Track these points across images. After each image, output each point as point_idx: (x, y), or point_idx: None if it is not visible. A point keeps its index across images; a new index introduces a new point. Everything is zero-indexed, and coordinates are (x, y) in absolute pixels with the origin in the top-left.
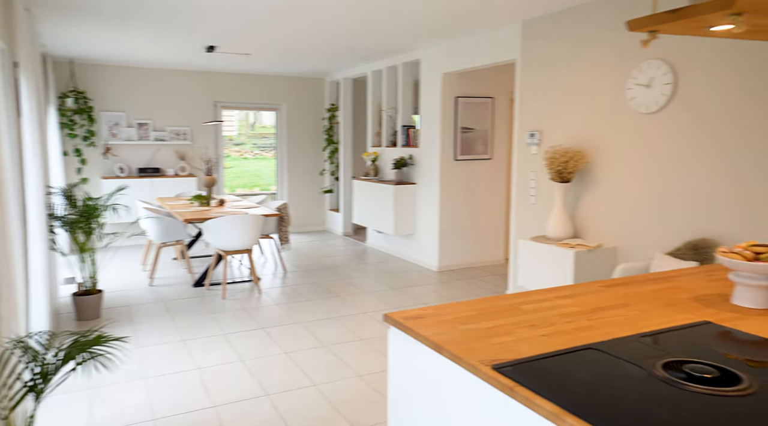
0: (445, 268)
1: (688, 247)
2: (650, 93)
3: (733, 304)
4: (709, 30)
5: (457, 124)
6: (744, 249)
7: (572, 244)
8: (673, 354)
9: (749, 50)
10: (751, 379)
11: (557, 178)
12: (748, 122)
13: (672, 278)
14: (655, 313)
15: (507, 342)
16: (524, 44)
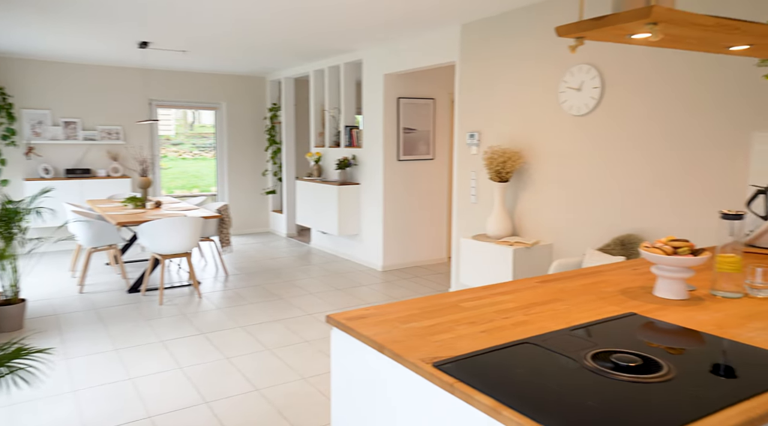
0: (389, 268)
1: (617, 243)
2: (581, 96)
3: (655, 295)
4: (630, 38)
5: (399, 125)
6: (664, 244)
7: (511, 242)
8: (601, 345)
9: (669, 56)
10: (670, 366)
11: (496, 178)
12: (666, 125)
13: (601, 273)
14: (586, 307)
15: (447, 339)
16: (463, 47)
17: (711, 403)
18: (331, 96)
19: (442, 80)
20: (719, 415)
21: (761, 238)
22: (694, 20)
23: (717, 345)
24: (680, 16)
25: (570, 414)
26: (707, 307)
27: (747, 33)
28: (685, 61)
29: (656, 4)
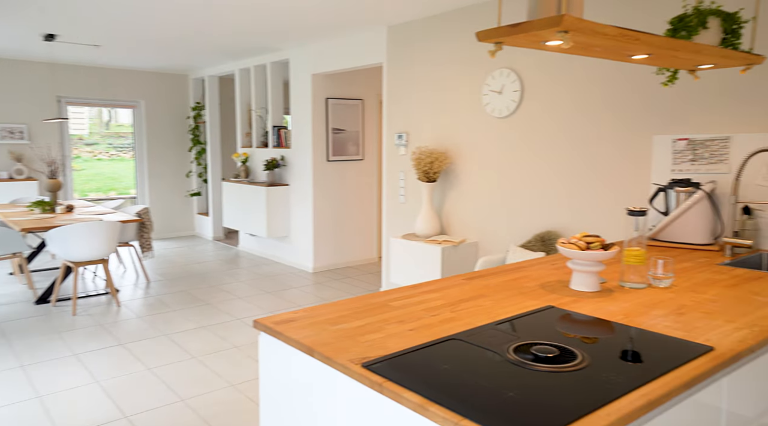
0: (320, 269)
1: (537, 239)
2: (502, 99)
3: (571, 288)
4: (545, 44)
5: (328, 125)
6: (578, 240)
7: (439, 241)
8: (523, 338)
9: (581, 63)
10: (584, 355)
11: (424, 178)
12: (579, 127)
13: (523, 268)
14: (508, 302)
15: (376, 339)
16: (390, 48)
17: (619, 387)
18: (257, 95)
19: (371, 81)
20: (626, 398)
21: (662, 232)
22: (599, 30)
23: (625, 333)
24: (587, 26)
25: (492, 405)
26: (616, 297)
27: (646, 43)
28: (596, 67)
29: (566, 14)
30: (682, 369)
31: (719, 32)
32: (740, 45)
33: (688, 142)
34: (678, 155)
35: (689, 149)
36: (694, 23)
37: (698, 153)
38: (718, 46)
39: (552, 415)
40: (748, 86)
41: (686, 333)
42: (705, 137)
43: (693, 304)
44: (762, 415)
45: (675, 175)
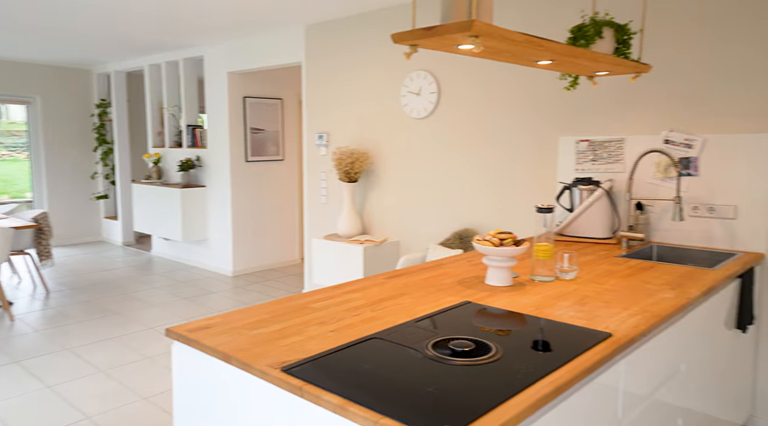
0: (240, 273)
1: (455, 237)
2: (420, 100)
3: (486, 284)
4: (457, 48)
5: (246, 125)
6: (492, 236)
7: (361, 240)
8: (441, 334)
9: (493, 67)
10: (498, 347)
11: (345, 178)
12: (492, 129)
13: (442, 266)
14: (427, 299)
15: (297, 342)
16: (308, 48)
17: (529, 376)
18: (170, 93)
19: (290, 80)
20: (535, 386)
21: (568, 228)
22: (507, 35)
23: (536, 324)
24: (496, 31)
25: (412, 402)
26: (528, 291)
27: (549, 50)
28: (508, 71)
29: (476, 19)
30: (585, 355)
31: (613, 42)
32: (630, 54)
33: (589, 143)
34: (581, 155)
35: (590, 150)
36: (591, 33)
37: (598, 153)
38: (612, 54)
39: (468, 407)
40: (638, 92)
41: (588, 321)
42: (603, 139)
43: (594, 294)
44: (653, 392)
45: (578, 174)
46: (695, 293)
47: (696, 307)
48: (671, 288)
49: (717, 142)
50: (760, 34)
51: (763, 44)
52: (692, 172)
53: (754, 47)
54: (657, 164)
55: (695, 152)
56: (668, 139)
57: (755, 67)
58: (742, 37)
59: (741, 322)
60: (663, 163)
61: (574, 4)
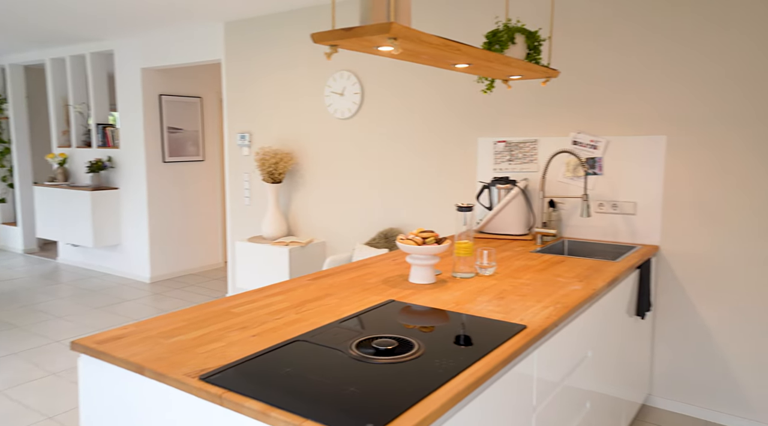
0: (159, 279)
1: (381, 237)
2: (344, 101)
3: (410, 282)
4: (377, 49)
5: (163, 124)
6: (415, 235)
7: (286, 242)
8: (365, 333)
9: (415, 69)
10: (420, 343)
11: (269, 179)
12: (415, 130)
13: (367, 265)
14: (352, 299)
15: (216, 349)
16: (228, 45)
17: (450, 370)
18: (76, 89)
19: (209, 78)
20: (455, 380)
21: (487, 225)
22: (425, 39)
23: (458, 319)
24: (415, 34)
25: (335, 403)
26: (449, 287)
27: (466, 54)
28: (430, 74)
29: (394, 22)
30: (502, 347)
31: (524, 48)
32: (541, 60)
33: (505, 144)
34: (498, 156)
35: (507, 150)
36: (505, 38)
37: (514, 154)
38: (523, 59)
39: (390, 405)
40: (549, 96)
41: (505, 315)
42: (518, 140)
43: (511, 288)
44: (564, 378)
45: (496, 173)
46: (600, 284)
47: (601, 297)
48: (580, 280)
49: (618, 143)
50: (645, 47)
51: (647, 56)
52: (597, 172)
53: (640, 58)
54: (567, 164)
55: (600, 153)
56: (576, 141)
57: (644, 76)
58: (632, 49)
59: (640, 310)
60: (572, 163)
61: (489, 10)
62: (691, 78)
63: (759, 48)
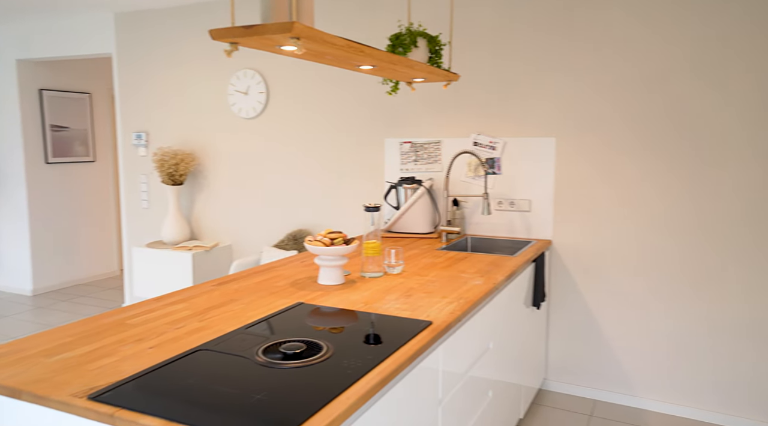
0: (43, 291)
1: (289, 239)
2: (248, 100)
3: (319, 283)
4: (280, 48)
5: (45, 122)
6: (324, 236)
7: (189, 247)
8: (272, 338)
9: (321, 69)
10: (329, 345)
11: (169, 181)
12: (323, 130)
13: (275, 268)
14: (260, 303)
15: (108, 364)
16: (119, 38)
17: (359, 370)
18: None
19: (99, 73)
20: (363, 380)
21: (395, 225)
22: (329, 39)
23: (367, 319)
24: (318, 34)
25: (239, 412)
26: (358, 287)
27: (370, 56)
28: (337, 74)
29: (296, 21)
30: (409, 344)
31: (426, 51)
32: (442, 64)
33: (411, 144)
34: (405, 156)
35: (413, 151)
36: (408, 42)
37: (419, 154)
38: (426, 63)
39: (298, 410)
40: (451, 99)
41: (412, 312)
42: (423, 141)
43: (418, 286)
44: (468, 370)
45: (403, 173)
46: (500, 279)
47: (501, 290)
48: (481, 275)
49: (514, 144)
50: (537, 56)
51: (538, 64)
52: (496, 171)
53: (532, 66)
54: (468, 164)
55: (498, 153)
56: (476, 142)
57: (536, 82)
58: (525, 57)
59: (536, 301)
60: (473, 163)
61: (392, 14)
62: (577, 86)
63: (633, 64)
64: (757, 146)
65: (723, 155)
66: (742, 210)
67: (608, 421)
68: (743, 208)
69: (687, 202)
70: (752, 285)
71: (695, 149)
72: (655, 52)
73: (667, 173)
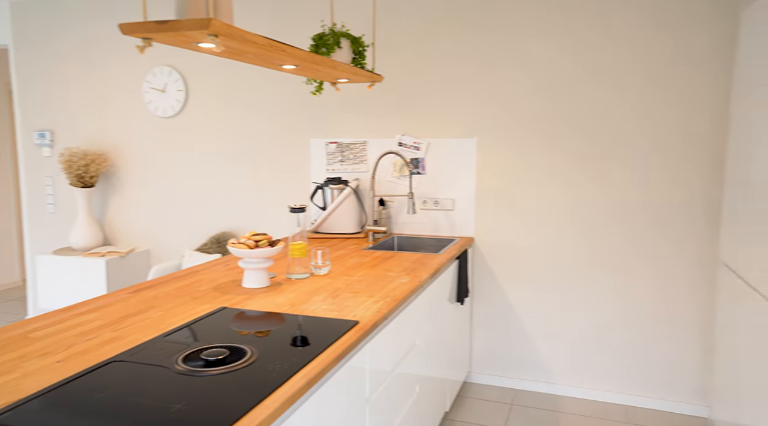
0: None
1: (213, 242)
2: (166, 98)
3: (244, 287)
4: (197, 46)
5: None
6: (248, 239)
7: (102, 253)
8: (194, 345)
9: (244, 68)
10: (253, 349)
11: (78, 184)
12: (244, 131)
13: (196, 273)
14: (180, 310)
15: (8, 382)
16: (17, 28)
17: (285, 373)
18: None
19: None
20: (289, 383)
21: (322, 225)
22: (249, 38)
23: (293, 321)
24: (237, 32)
25: (154, 424)
26: (284, 289)
27: (292, 55)
28: (260, 73)
29: (214, 18)
30: (336, 344)
31: (350, 52)
32: (366, 65)
33: (337, 145)
34: (330, 156)
35: (338, 151)
36: (331, 42)
37: (345, 154)
38: (349, 64)
39: (221, 418)
40: (376, 100)
41: (339, 312)
42: (349, 141)
43: (345, 286)
44: (395, 367)
45: (329, 174)
46: (425, 276)
47: (426, 288)
48: (407, 273)
49: (438, 144)
50: (457, 59)
51: (458, 67)
52: (421, 171)
53: (452, 69)
54: (394, 164)
55: (422, 153)
56: (401, 142)
57: (457, 84)
58: (445, 60)
59: (460, 296)
60: (398, 163)
61: (316, 14)
62: (495, 89)
63: (542, 71)
64: (653, 143)
65: (623, 152)
66: (642, 202)
67: (528, 409)
68: (643, 200)
69: (594, 197)
70: (656, 272)
71: (599, 148)
72: (558, 61)
73: (576, 171)
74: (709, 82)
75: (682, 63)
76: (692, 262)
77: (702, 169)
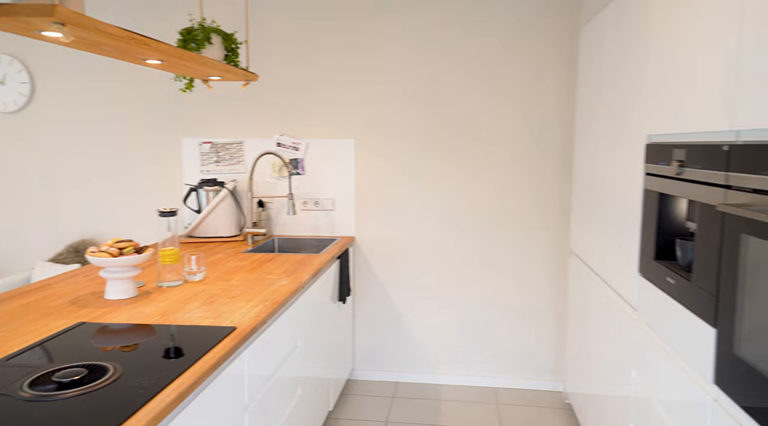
0: None
1: (70, 251)
2: (6, 90)
3: (106, 299)
4: (41, 34)
5: None
6: (110, 246)
7: None
8: (43, 367)
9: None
10: (117, 366)
11: None
12: (106, 129)
13: (49, 286)
14: (27, 329)
15: None
16: None
17: (153, 388)
18: None
19: None
20: (159, 396)
21: (197, 229)
22: (103, 28)
23: (165, 332)
24: (88, 22)
25: None
26: (154, 299)
27: (156, 50)
28: (123, 68)
29: (60, 5)
30: (211, 353)
31: (222, 49)
32: (239, 63)
33: (211, 145)
34: (205, 157)
35: (213, 151)
36: (201, 38)
37: (221, 155)
38: (221, 61)
39: None
40: (253, 99)
41: (215, 319)
42: (225, 141)
43: (221, 291)
44: (276, 371)
45: (204, 175)
46: (306, 277)
47: (307, 289)
48: (288, 275)
49: (316, 145)
50: (335, 62)
51: (336, 70)
52: (300, 172)
53: (331, 72)
54: (273, 165)
55: (301, 154)
56: (280, 142)
57: (335, 86)
58: (324, 63)
59: (341, 295)
60: (277, 164)
61: (183, 7)
62: (371, 93)
63: (416, 77)
64: (513, 146)
65: (489, 156)
66: (506, 202)
67: (409, 400)
68: (506, 200)
69: (465, 198)
70: (519, 267)
71: (469, 151)
72: (432, 68)
73: (449, 173)
74: (560, 90)
75: (537, 74)
76: (549, 255)
77: (555, 169)
